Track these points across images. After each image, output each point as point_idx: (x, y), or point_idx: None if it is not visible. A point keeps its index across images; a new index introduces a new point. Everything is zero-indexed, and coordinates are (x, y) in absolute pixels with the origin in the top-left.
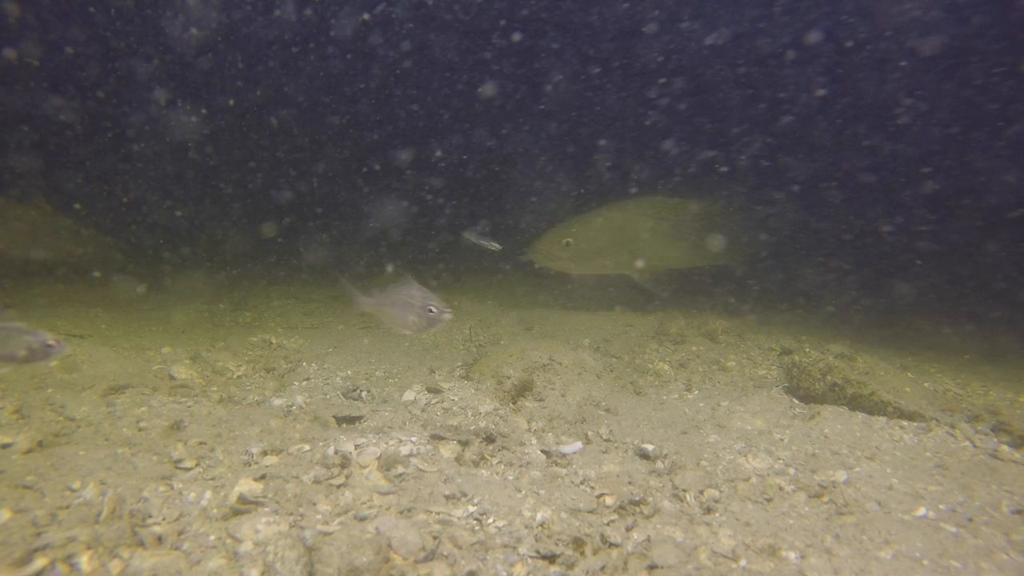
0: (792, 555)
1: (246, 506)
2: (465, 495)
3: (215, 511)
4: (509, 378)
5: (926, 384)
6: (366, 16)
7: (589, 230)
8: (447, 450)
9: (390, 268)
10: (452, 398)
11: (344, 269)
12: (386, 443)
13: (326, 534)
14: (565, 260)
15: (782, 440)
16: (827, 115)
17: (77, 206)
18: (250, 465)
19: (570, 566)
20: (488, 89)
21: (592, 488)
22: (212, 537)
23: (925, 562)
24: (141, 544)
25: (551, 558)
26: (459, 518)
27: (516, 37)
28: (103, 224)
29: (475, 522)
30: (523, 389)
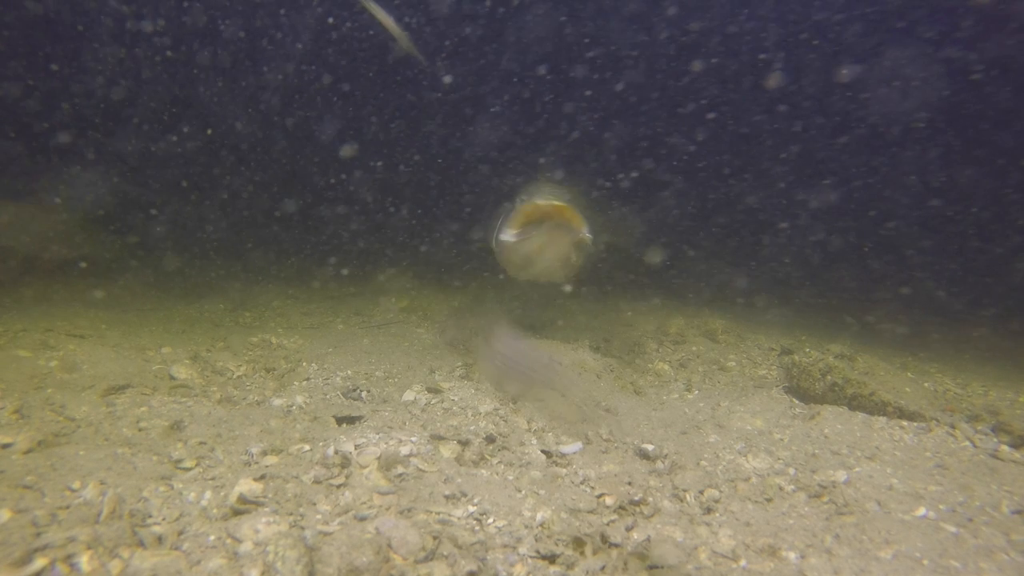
0: (792, 555)
1: (246, 506)
2: (465, 495)
3: (215, 511)
4: None
5: (926, 384)
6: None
7: None
8: (447, 450)
9: (345, 271)
10: (452, 398)
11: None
12: (386, 443)
13: (326, 534)
14: None
15: (782, 440)
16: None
17: (58, 200)
18: (250, 465)
19: (570, 566)
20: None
21: (592, 488)
22: (212, 537)
23: (925, 562)
24: (141, 544)
25: (551, 558)
26: (459, 518)
27: None
28: (88, 220)
29: (475, 522)
30: None
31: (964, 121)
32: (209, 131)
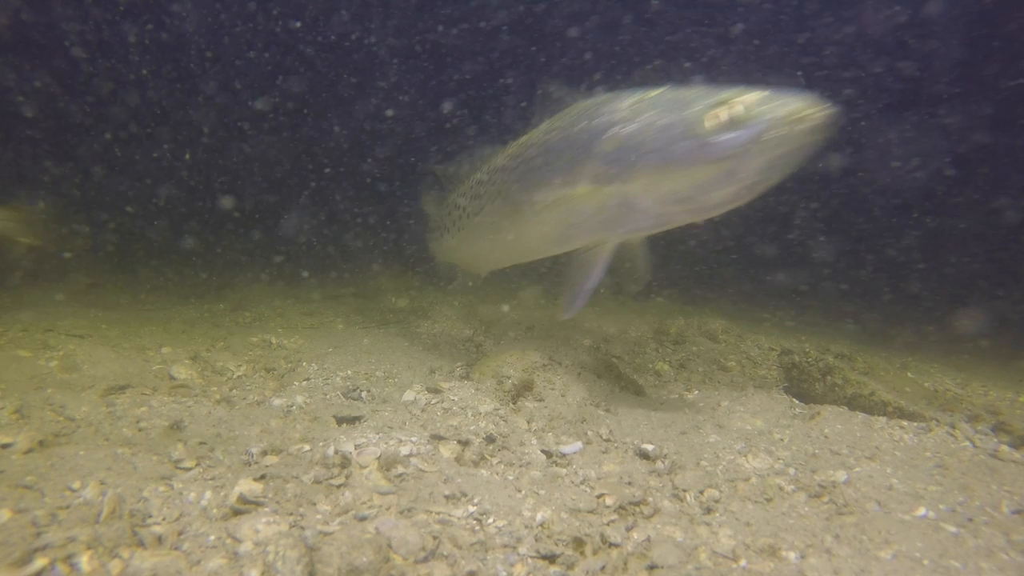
0: (792, 555)
1: (246, 506)
2: (465, 495)
3: (215, 511)
4: (509, 378)
5: (926, 384)
6: None
7: None
8: (447, 450)
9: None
10: (452, 398)
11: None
12: (386, 443)
13: (326, 534)
14: None
15: (782, 440)
16: None
17: (41, 204)
18: (250, 465)
19: (570, 566)
20: None
21: (592, 488)
22: (212, 537)
23: (925, 562)
24: (141, 544)
25: (551, 558)
26: (459, 518)
27: None
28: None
29: (475, 522)
30: (523, 389)
31: None
32: (187, 155)
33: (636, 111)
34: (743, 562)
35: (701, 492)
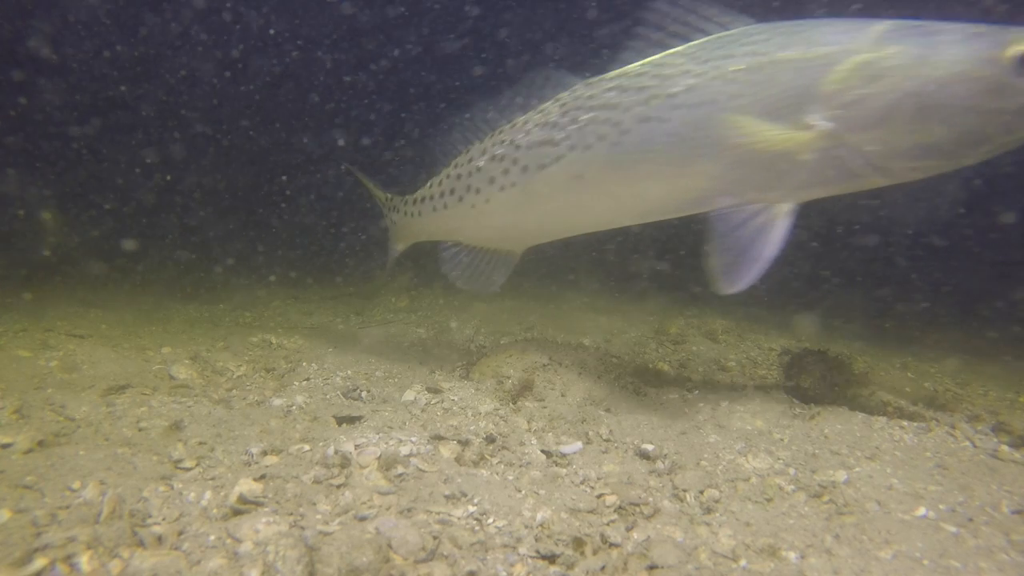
0: (792, 555)
1: (246, 506)
2: (465, 495)
3: (215, 511)
4: (509, 378)
5: (926, 384)
6: None
7: None
8: (447, 450)
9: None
10: (452, 398)
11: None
12: (386, 443)
13: (326, 534)
14: None
15: (782, 440)
16: None
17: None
18: (250, 465)
19: (570, 566)
20: None
21: (592, 488)
22: (212, 537)
23: (925, 562)
24: (141, 544)
25: (551, 558)
26: (459, 518)
27: None
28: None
29: (475, 522)
30: (523, 389)
31: None
32: (168, 177)
33: (884, 42)
34: (743, 562)
35: (701, 492)
